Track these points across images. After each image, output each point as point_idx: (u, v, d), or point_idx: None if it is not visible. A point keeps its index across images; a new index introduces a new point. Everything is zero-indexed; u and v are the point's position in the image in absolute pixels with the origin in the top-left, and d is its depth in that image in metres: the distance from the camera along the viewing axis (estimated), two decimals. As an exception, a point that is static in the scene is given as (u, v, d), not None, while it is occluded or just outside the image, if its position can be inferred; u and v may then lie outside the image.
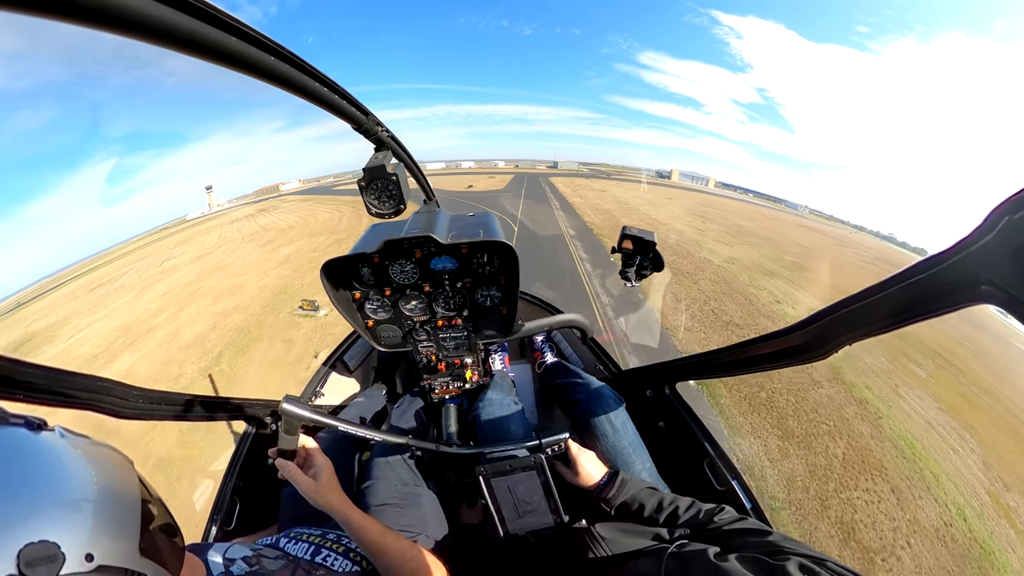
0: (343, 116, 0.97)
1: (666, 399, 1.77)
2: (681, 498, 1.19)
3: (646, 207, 49.15)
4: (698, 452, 1.58)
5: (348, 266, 1.63)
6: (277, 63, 0.65)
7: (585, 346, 2.30)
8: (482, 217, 1.76)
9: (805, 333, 0.96)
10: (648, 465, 1.51)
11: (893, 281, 0.72)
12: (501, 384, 1.92)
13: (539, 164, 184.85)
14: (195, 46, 0.50)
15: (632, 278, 1.48)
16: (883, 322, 0.77)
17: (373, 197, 1.26)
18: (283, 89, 0.71)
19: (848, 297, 0.82)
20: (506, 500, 1.29)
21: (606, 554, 1.13)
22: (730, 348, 1.30)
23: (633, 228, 1.46)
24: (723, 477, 1.47)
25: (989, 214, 0.54)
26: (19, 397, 0.80)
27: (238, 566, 0.92)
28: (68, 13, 0.38)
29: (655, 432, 1.70)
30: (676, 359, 1.71)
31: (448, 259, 1.62)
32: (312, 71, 0.75)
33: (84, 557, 0.45)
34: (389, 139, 1.24)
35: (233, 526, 1.52)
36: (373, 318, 1.77)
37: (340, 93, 0.89)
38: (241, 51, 0.57)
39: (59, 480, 0.49)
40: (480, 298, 1.74)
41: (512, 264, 1.58)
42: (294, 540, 1.16)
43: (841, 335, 0.88)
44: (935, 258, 0.63)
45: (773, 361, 1.13)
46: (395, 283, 1.66)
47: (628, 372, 2.05)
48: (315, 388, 2.23)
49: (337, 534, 1.24)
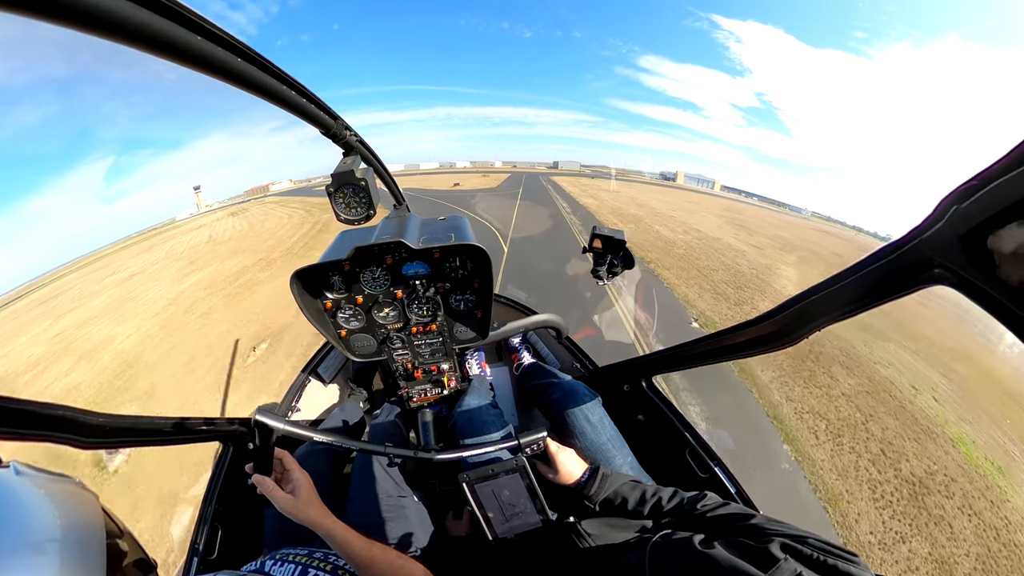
0: (310, 120, 0.96)
1: (643, 393, 1.78)
2: (663, 488, 1.20)
3: (678, 212, 39.69)
4: (679, 442, 1.58)
5: (318, 274, 1.60)
6: (243, 64, 0.63)
7: (561, 345, 2.28)
8: (453, 220, 1.73)
9: (777, 320, 0.99)
10: (629, 459, 1.51)
11: (857, 267, 0.76)
12: (479, 389, 1.93)
13: (538, 165, 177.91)
14: (154, 43, 0.47)
15: (604, 276, 1.50)
16: (850, 306, 0.81)
17: (342, 203, 1.25)
18: (248, 92, 0.69)
19: (817, 284, 0.86)
20: (492, 505, 1.29)
21: (593, 546, 1.14)
22: (704, 339, 1.32)
23: (603, 227, 1.49)
24: (705, 464, 1.48)
25: (939, 204, 0.59)
26: None
27: None
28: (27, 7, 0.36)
29: (635, 426, 1.74)
30: (651, 353, 1.73)
31: (420, 264, 1.61)
32: (279, 73, 0.74)
33: None
34: (358, 143, 1.22)
35: (216, 555, 1.42)
36: (346, 327, 1.74)
37: (307, 96, 0.88)
38: (204, 51, 0.54)
39: (19, 522, 0.46)
40: (454, 303, 1.72)
41: (485, 267, 1.58)
42: (280, 562, 1.13)
43: (811, 320, 0.91)
44: (893, 244, 0.68)
45: (747, 349, 1.14)
46: (367, 291, 1.65)
47: (604, 368, 2.06)
48: (291, 403, 2.12)
49: (324, 552, 1.21)
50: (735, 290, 15.62)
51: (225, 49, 0.58)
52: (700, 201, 67.22)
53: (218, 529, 1.46)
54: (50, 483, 0.52)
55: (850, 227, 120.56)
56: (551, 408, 1.71)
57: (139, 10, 0.42)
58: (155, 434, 1.25)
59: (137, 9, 0.42)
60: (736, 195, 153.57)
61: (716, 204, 68.54)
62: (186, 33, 0.50)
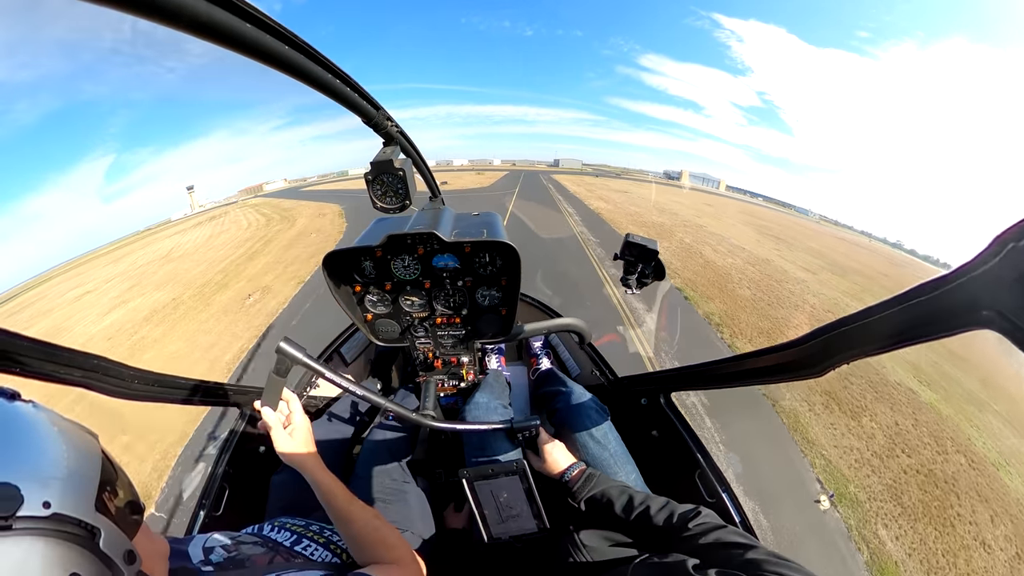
0: (354, 109, 0.98)
1: (660, 408, 1.75)
2: (654, 497, 1.16)
3: (703, 219, 34.55)
4: (690, 463, 1.56)
5: (350, 259, 1.62)
6: (291, 52, 0.65)
7: (583, 351, 2.25)
8: (486, 217, 1.76)
9: (803, 349, 0.96)
10: (633, 477, 1.48)
11: (894, 302, 0.72)
12: (493, 385, 1.94)
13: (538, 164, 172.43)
14: (211, 31, 0.51)
15: (633, 285, 1.48)
16: (883, 342, 0.77)
17: (379, 191, 1.26)
18: (296, 79, 0.72)
19: (848, 316, 0.81)
20: (489, 504, 1.32)
21: (587, 562, 1.13)
22: (727, 360, 1.29)
23: (636, 235, 1.45)
24: (713, 489, 1.45)
25: (994, 240, 0.54)
26: (15, 371, 0.81)
27: (217, 554, 0.94)
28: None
29: (648, 441, 1.74)
30: (672, 368, 1.69)
31: (450, 257, 1.62)
32: (326, 63, 0.76)
33: (42, 504, 0.47)
34: (399, 135, 1.23)
35: (221, 511, 1.52)
36: (372, 312, 1.77)
37: (352, 86, 0.90)
38: (256, 39, 0.57)
39: (27, 439, 0.52)
40: (480, 298, 1.73)
41: (514, 265, 1.58)
42: (278, 529, 1.19)
43: (839, 353, 0.87)
44: (937, 281, 0.63)
45: (769, 375, 1.11)
46: (396, 278, 1.66)
47: (624, 380, 2.04)
48: (310, 379, 2.17)
49: (320, 526, 1.26)
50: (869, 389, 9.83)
51: (275, 38, 0.60)
52: (715, 203, 62.00)
53: (226, 489, 1.57)
54: (58, 418, 0.58)
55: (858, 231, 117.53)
56: (556, 416, 1.72)
57: (200, 2, 0.46)
58: (179, 392, 1.34)
59: (199, 1, 0.46)
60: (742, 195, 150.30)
61: (732, 207, 63.48)
62: (239, 22, 0.53)
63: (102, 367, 1.02)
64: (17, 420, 0.54)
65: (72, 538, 0.49)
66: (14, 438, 0.51)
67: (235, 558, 0.95)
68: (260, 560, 0.99)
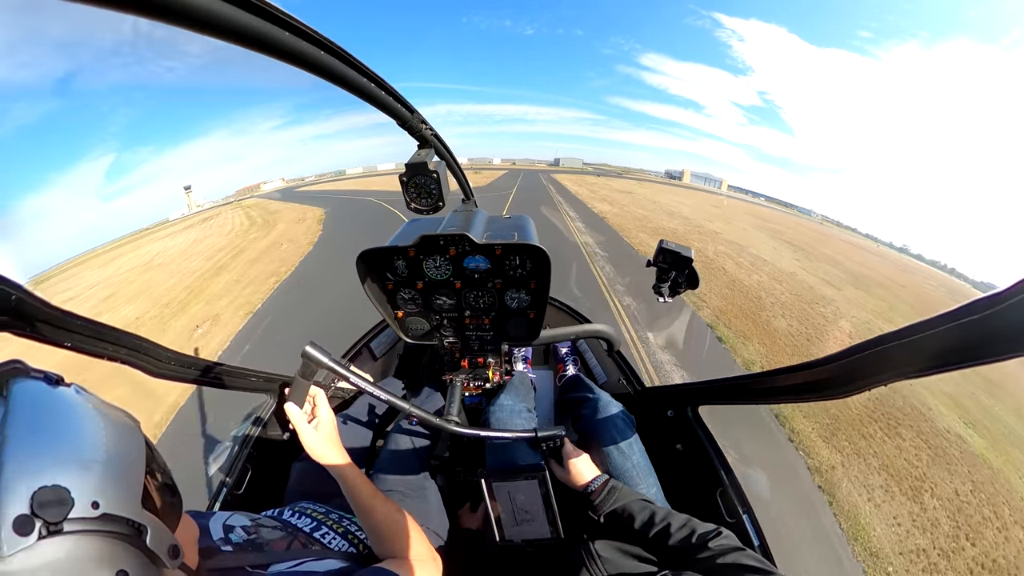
0: (389, 112, 0.99)
1: (687, 422, 1.72)
2: (675, 515, 1.15)
3: (715, 223, 32.02)
4: (712, 480, 1.52)
5: (384, 257, 1.65)
6: (330, 59, 0.68)
7: (611, 359, 2.24)
8: (518, 220, 1.77)
9: (838, 367, 0.91)
10: (654, 490, 1.46)
11: (941, 320, 0.66)
12: (519, 388, 1.93)
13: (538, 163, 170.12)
14: (258, 43, 0.54)
15: (665, 293, 1.45)
16: (926, 364, 0.71)
17: (413, 192, 1.28)
18: (334, 84, 0.74)
19: (889, 333, 0.76)
20: (505, 505, 1.31)
21: (601, 574, 1.12)
22: (757, 375, 1.27)
23: (671, 242, 1.42)
24: (734, 509, 1.42)
25: None
26: (67, 345, 0.87)
27: (237, 534, 0.97)
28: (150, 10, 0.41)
29: (671, 455, 1.70)
30: (701, 381, 1.65)
31: (481, 259, 1.62)
32: (362, 68, 0.78)
33: (91, 504, 0.47)
34: (433, 137, 1.24)
35: (243, 491, 1.57)
36: (403, 309, 1.80)
37: (388, 91, 0.91)
38: (297, 47, 0.60)
39: (73, 431, 0.52)
40: (509, 300, 1.73)
41: (544, 269, 1.58)
42: (297, 514, 1.20)
43: (877, 373, 0.82)
44: (991, 298, 0.59)
45: (801, 393, 1.09)
46: (428, 278, 1.68)
47: (651, 390, 2.02)
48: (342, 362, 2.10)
49: (340, 514, 1.27)
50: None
51: (314, 45, 0.63)
52: (721, 204, 59.87)
53: (248, 470, 1.62)
54: (102, 405, 0.59)
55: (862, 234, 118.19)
56: (580, 423, 1.71)
57: (238, 12, 0.49)
58: (214, 377, 1.41)
59: (236, 11, 0.49)
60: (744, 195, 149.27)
61: (740, 208, 61.35)
62: (280, 31, 0.55)
63: (144, 347, 1.10)
64: (63, 410, 0.54)
65: (120, 536, 0.49)
66: (61, 431, 0.51)
67: (254, 540, 0.98)
68: (278, 545, 1.01)
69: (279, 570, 0.92)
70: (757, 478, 5.96)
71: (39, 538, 0.44)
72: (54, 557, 0.44)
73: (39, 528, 0.44)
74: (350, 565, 0.99)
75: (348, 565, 0.98)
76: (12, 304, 0.73)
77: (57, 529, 0.45)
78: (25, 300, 0.75)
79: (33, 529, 0.43)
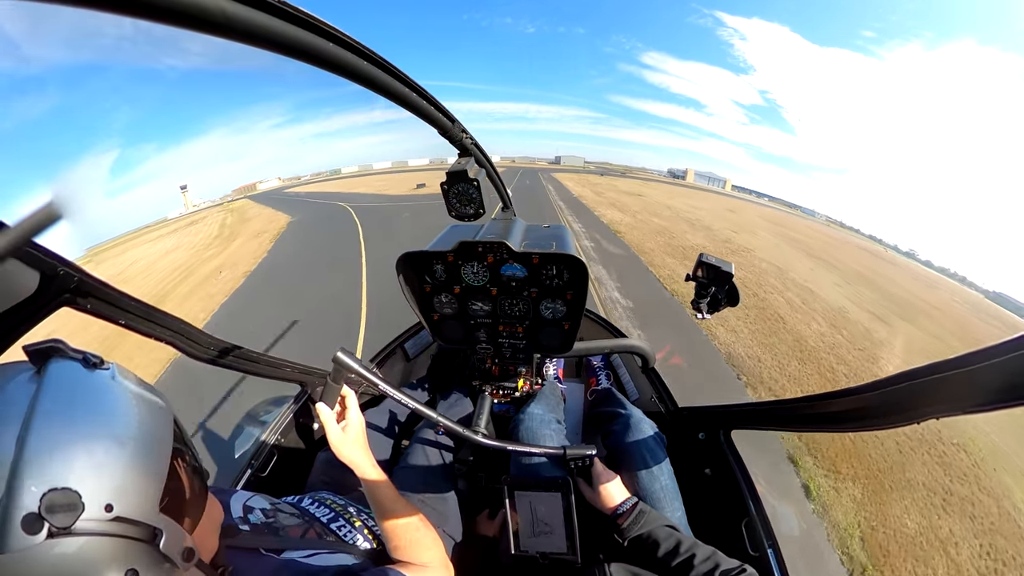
0: (431, 122, 1.00)
1: (719, 446, 1.66)
2: (701, 546, 1.12)
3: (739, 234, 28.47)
4: (739, 509, 1.47)
5: (423, 261, 1.68)
6: (377, 72, 0.69)
7: (644, 375, 2.20)
8: (556, 230, 1.78)
9: (886, 394, 0.85)
10: (679, 515, 1.42)
11: (1006, 348, 0.59)
12: (549, 397, 1.90)
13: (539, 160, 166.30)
14: (312, 57, 0.55)
15: (704, 310, 1.39)
16: (988, 398, 0.63)
17: (454, 200, 1.31)
18: (381, 95, 0.75)
19: (947, 360, 0.69)
20: (525, 516, 1.30)
21: None
22: (797, 401, 1.22)
23: (711, 256, 1.38)
24: (759, 542, 1.35)
25: None
26: (121, 323, 0.96)
27: (255, 515, 1.00)
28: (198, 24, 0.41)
29: (699, 479, 1.66)
30: (737, 404, 1.64)
31: (518, 267, 1.63)
32: (405, 79, 0.79)
33: (104, 507, 0.46)
34: (473, 146, 1.25)
35: (267, 474, 1.61)
36: (439, 313, 1.81)
37: (430, 100, 0.93)
38: (345, 59, 0.61)
39: (98, 427, 0.50)
40: (544, 310, 1.73)
41: (581, 280, 1.57)
42: (317, 504, 1.21)
43: (931, 404, 0.75)
44: None
45: (843, 422, 1.01)
46: (465, 283, 1.69)
47: (684, 410, 1.95)
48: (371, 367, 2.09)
49: (358, 508, 1.28)
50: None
51: (359, 57, 0.64)
52: (736, 208, 56.40)
53: (275, 455, 1.67)
54: (137, 390, 0.58)
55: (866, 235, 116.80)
56: (610, 439, 1.65)
57: (287, 26, 0.50)
58: (250, 364, 1.48)
59: (286, 26, 0.50)
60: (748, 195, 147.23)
61: (751, 211, 58.01)
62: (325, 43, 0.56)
63: (187, 331, 1.18)
64: (93, 398, 0.52)
65: (132, 540, 0.49)
66: (86, 425, 0.50)
67: (271, 524, 1.01)
68: (294, 531, 1.03)
69: (292, 556, 0.94)
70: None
71: (48, 537, 0.43)
72: (61, 557, 0.44)
73: (47, 528, 0.43)
74: (362, 562, 1.02)
75: (360, 562, 1.01)
76: (74, 284, 0.82)
77: (67, 532, 0.44)
78: (86, 280, 0.85)
79: (42, 529, 0.43)
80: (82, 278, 0.83)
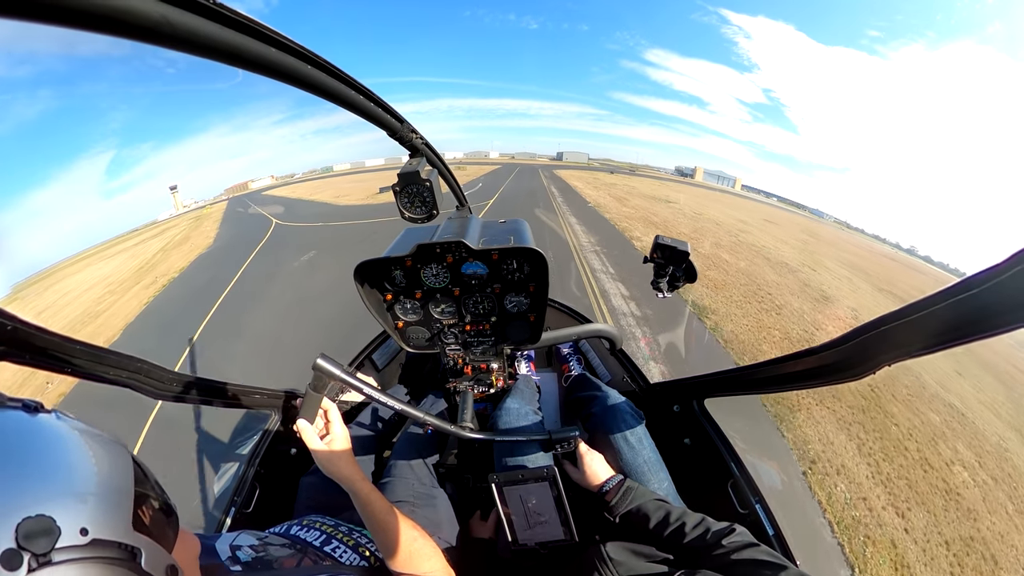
0: (379, 124, 1.00)
1: (693, 416, 1.71)
2: (690, 514, 1.14)
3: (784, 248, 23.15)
4: (723, 472, 1.52)
5: (381, 268, 1.64)
6: (317, 74, 0.67)
7: (613, 357, 2.23)
8: (513, 224, 1.76)
9: (842, 351, 0.91)
10: (666, 484, 1.44)
11: (939, 297, 0.67)
12: (524, 391, 1.91)
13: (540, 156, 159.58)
14: (243, 61, 0.53)
15: (664, 288, 1.42)
16: (929, 341, 0.72)
17: (407, 202, 1.29)
18: (322, 98, 0.73)
19: (889, 313, 0.77)
20: (517, 509, 1.30)
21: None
22: (762, 364, 1.26)
23: (665, 238, 1.40)
24: (746, 500, 1.41)
25: None
26: (67, 371, 0.87)
27: (244, 552, 0.95)
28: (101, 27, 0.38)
29: (680, 449, 1.68)
30: (706, 374, 1.65)
31: (479, 265, 1.62)
32: (351, 81, 0.78)
33: (79, 531, 0.46)
34: (423, 146, 1.24)
35: (251, 509, 1.56)
36: (403, 319, 1.79)
37: (376, 102, 0.91)
38: (282, 62, 0.59)
39: (55, 459, 0.50)
40: (509, 304, 1.73)
41: (542, 271, 1.58)
42: (306, 528, 1.18)
43: (881, 354, 0.83)
44: (989, 271, 0.59)
45: (807, 379, 1.08)
46: (426, 286, 1.68)
47: (656, 386, 2.01)
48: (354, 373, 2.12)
49: (349, 527, 1.25)
50: None
51: (302, 61, 0.62)
52: (771, 216, 50.49)
53: (256, 488, 1.60)
54: (86, 429, 0.56)
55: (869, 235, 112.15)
56: (590, 422, 1.68)
57: (223, 30, 0.48)
58: (215, 395, 1.41)
59: (221, 29, 0.47)
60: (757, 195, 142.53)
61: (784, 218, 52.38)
62: (265, 48, 0.55)
63: (145, 369, 1.09)
64: (43, 436, 0.52)
65: (113, 561, 0.48)
66: (42, 457, 0.49)
67: (263, 558, 0.97)
68: (288, 562, 1.00)
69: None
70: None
71: (29, 571, 0.42)
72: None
73: (28, 561, 0.42)
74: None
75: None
76: (8, 333, 0.73)
77: (47, 560, 0.43)
78: (21, 328, 0.75)
79: (22, 563, 0.42)
80: (16, 326, 0.74)
